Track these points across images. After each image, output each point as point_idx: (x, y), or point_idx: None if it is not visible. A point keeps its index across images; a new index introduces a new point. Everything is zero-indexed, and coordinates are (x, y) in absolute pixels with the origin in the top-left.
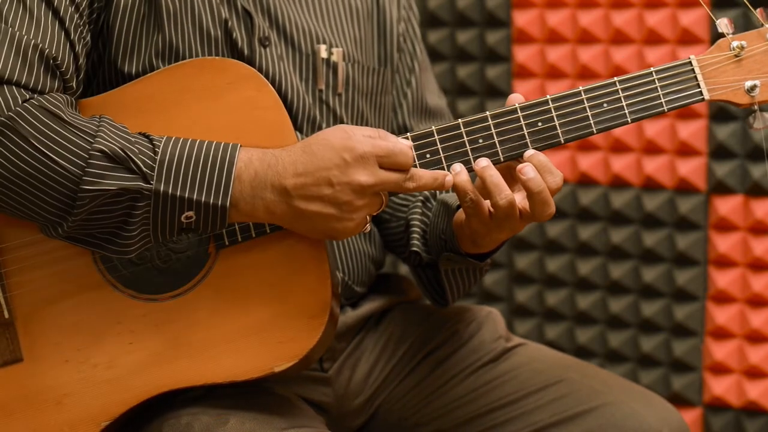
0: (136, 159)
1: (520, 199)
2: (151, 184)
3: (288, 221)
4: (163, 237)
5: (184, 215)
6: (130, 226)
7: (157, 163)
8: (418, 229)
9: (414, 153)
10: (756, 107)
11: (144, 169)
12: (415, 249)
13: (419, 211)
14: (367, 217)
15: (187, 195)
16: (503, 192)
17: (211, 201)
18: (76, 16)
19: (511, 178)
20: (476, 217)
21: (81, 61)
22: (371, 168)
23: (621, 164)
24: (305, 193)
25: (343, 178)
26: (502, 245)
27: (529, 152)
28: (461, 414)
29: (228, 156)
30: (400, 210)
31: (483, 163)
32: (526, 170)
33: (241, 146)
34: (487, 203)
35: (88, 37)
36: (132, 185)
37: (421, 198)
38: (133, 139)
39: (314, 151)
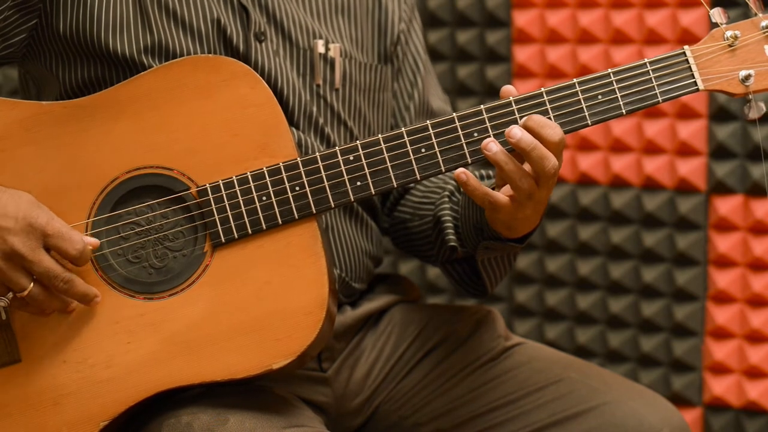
0: None
1: (527, 169)
2: None
3: None
4: None
5: None
6: None
7: None
8: (450, 224)
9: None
10: (751, 97)
11: None
12: (452, 244)
13: (448, 206)
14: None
15: None
16: (523, 174)
17: None
18: None
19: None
20: (499, 212)
21: None
22: (33, 241)
23: (621, 164)
24: None
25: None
26: (539, 224)
27: (523, 119)
28: (461, 413)
29: None
30: (422, 208)
31: (494, 148)
32: (513, 132)
33: None
34: (500, 194)
35: None
36: None
37: (446, 193)
38: None
39: (4, 199)
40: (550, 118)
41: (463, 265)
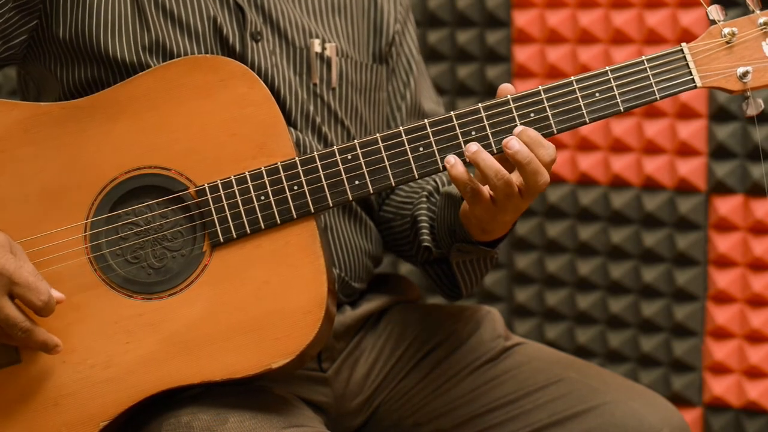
0: None
1: (516, 177)
2: None
3: None
4: None
5: None
6: None
7: None
8: (426, 224)
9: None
10: (749, 93)
11: None
12: (426, 244)
13: (425, 206)
14: None
15: None
16: (499, 173)
17: None
18: None
19: (506, 161)
20: (479, 205)
21: None
22: None
23: (621, 164)
24: None
25: None
26: (511, 229)
27: (518, 128)
28: (460, 414)
29: None
30: (404, 208)
31: (473, 148)
32: (512, 144)
33: None
34: (486, 188)
35: None
36: None
37: (425, 193)
38: None
39: None
40: (548, 116)
41: (442, 266)
